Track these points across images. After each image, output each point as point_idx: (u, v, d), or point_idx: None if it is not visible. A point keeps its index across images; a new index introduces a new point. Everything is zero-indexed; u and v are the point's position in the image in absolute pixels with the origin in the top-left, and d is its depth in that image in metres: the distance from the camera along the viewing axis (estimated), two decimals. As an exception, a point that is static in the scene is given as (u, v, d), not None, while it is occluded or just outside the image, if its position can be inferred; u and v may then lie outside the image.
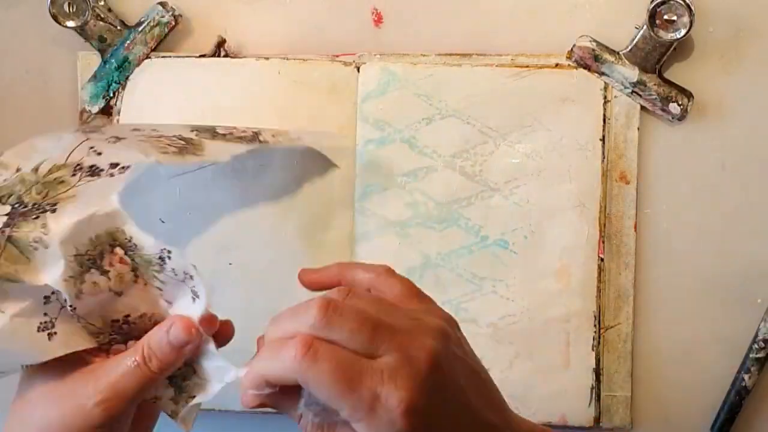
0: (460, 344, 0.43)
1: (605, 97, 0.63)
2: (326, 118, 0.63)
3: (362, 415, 0.39)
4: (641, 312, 0.64)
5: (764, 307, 0.63)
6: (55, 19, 0.63)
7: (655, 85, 0.62)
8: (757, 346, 0.62)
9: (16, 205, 0.45)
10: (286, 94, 0.63)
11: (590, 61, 0.62)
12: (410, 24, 0.65)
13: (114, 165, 0.48)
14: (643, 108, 0.63)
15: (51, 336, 0.45)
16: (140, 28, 0.63)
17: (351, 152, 0.63)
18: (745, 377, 0.62)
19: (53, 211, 0.45)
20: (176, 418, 0.47)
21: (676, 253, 0.64)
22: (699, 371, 0.64)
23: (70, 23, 0.63)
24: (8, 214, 0.45)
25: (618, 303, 0.63)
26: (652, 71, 0.62)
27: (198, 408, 0.47)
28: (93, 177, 0.47)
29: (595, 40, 0.62)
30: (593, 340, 0.63)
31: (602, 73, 0.63)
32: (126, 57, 0.63)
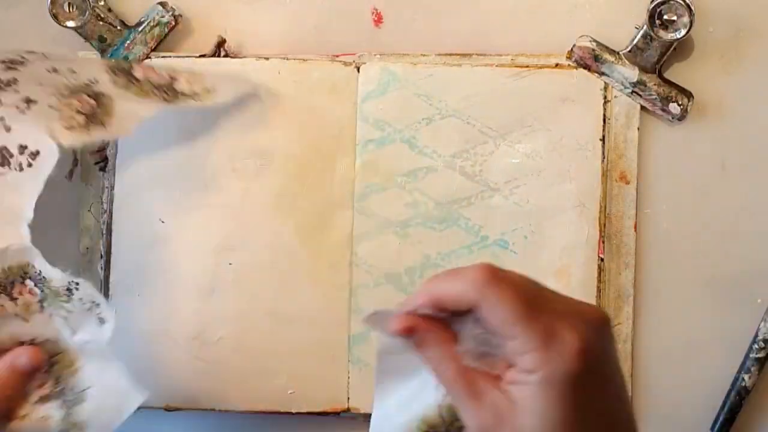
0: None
1: (605, 97, 0.63)
2: (326, 118, 0.63)
3: (535, 345, 0.38)
4: (641, 312, 0.64)
5: (764, 307, 0.63)
6: (55, 19, 0.63)
7: (655, 85, 0.62)
8: (757, 346, 0.62)
9: None
10: (286, 94, 0.63)
11: (590, 61, 0.62)
12: (410, 24, 0.65)
13: (23, 148, 0.51)
14: (643, 108, 0.63)
15: None
16: (140, 28, 0.63)
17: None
18: (745, 377, 0.62)
19: None
20: None
21: (676, 253, 0.64)
22: (699, 371, 0.64)
23: (70, 23, 0.63)
24: None
25: (618, 303, 0.63)
26: (652, 71, 0.62)
27: None
28: (3, 167, 0.51)
29: (595, 40, 0.62)
30: (593, 340, 0.63)
31: (602, 73, 0.62)
32: (126, 57, 0.63)
